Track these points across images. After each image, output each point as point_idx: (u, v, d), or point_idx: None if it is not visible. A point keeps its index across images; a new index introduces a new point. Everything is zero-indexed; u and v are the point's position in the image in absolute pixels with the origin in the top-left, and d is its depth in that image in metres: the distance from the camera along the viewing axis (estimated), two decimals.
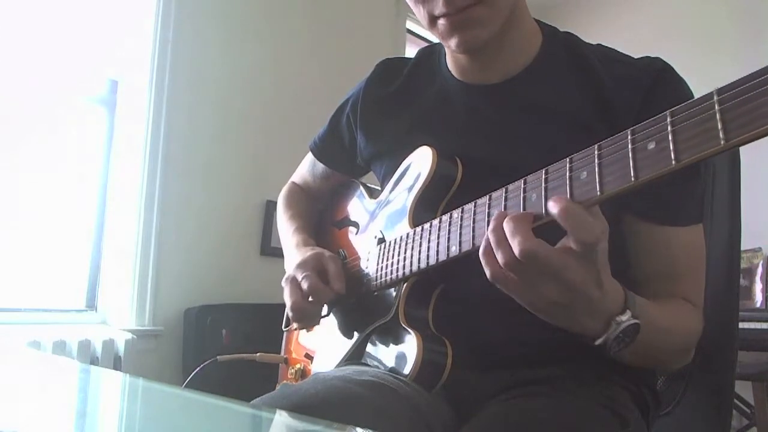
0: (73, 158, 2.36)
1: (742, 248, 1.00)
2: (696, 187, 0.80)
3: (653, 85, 0.79)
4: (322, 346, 1.02)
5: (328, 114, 1.11)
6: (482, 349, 0.81)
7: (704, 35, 3.33)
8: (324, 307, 0.97)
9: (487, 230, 0.63)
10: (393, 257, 0.85)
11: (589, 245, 0.58)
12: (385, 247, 0.88)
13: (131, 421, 0.52)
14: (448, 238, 0.74)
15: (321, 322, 1.01)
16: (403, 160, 0.91)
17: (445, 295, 0.83)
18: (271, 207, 2.63)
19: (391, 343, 0.84)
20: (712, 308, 0.82)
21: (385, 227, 0.92)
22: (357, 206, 1.08)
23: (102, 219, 2.42)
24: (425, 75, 0.97)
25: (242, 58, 2.68)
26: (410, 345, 0.78)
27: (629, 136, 0.54)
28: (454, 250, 0.73)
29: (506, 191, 0.66)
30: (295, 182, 1.25)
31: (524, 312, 0.66)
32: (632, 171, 0.53)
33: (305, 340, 1.09)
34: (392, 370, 0.81)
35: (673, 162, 0.50)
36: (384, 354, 0.85)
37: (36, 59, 2.23)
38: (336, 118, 1.09)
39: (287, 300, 0.94)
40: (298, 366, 1.07)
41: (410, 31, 3.53)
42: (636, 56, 0.85)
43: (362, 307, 0.93)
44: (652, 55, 0.84)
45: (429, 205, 0.85)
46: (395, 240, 0.86)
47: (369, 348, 0.89)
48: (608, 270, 0.63)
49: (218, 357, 1.17)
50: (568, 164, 0.60)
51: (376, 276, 0.88)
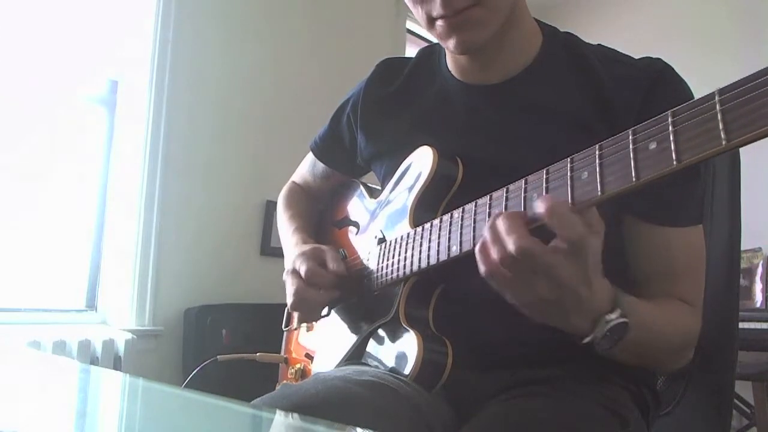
0: (73, 158, 2.36)
1: (742, 248, 1.00)
2: (696, 187, 0.80)
3: (653, 85, 0.79)
4: (323, 346, 1.02)
5: (328, 114, 1.11)
6: (482, 349, 0.81)
7: (704, 35, 3.33)
8: (324, 307, 0.97)
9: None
10: (393, 257, 0.85)
11: (573, 243, 0.59)
12: (385, 246, 0.88)
13: (131, 421, 0.52)
14: (449, 238, 0.74)
15: (321, 322, 1.01)
16: (403, 160, 0.91)
17: (445, 295, 0.83)
18: (271, 207, 2.63)
19: (391, 343, 0.84)
20: (712, 308, 0.82)
21: (385, 227, 0.92)
22: (357, 206, 1.08)
23: (102, 219, 2.42)
24: (425, 75, 0.97)
25: (242, 58, 2.68)
26: (410, 345, 0.78)
27: (630, 137, 0.54)
28: (455, 250, 0.73)
29: (507, 191, 0.67)
30: (295, 182, 1.25)
31: None
32: (633, 171, 0.53)
33: (305, 340, 1.09)
34: (392, 370, 0.81)
35: (675, 162, 0.50)
36: (384, 354, 0.85)
37: (36, 59, 2.23)
38: (336, 118, 1.09)
39: (288, 289, 0.94)
40: (298, 366, 1.07)
41: (410, 31, 3.52)
42: (636, 56, 0.85)
43: (362, 307, 0.93)
44: (653, 56, 0.84)
45: (429, 205, 0.85)
46: (396, 240, 0.86)
47: (369, 348, 0.88)
48: (599, 269, 0.64)
49: (218, 357, 1.17)
50: (569, 164, 0.60)
51: (377, 276, 0.88)
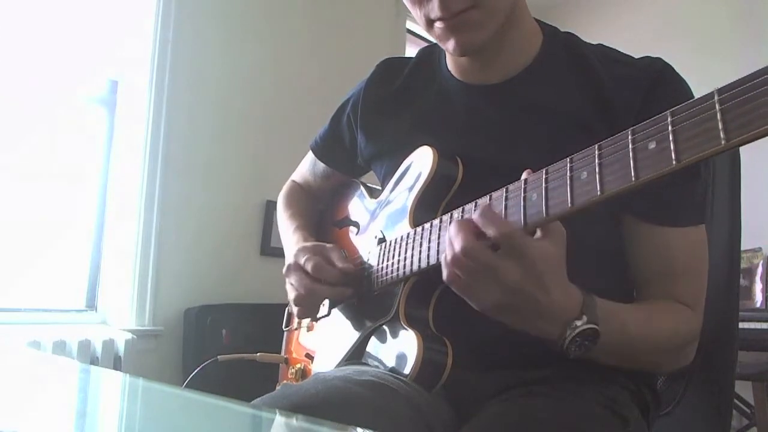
0: (73, 158, 2.36)
1: (742, 248, 1.00)
2: (696, 187, 0.80)
3: (653, 85, 0.79)
4: (323, 346, 1.02)
5: (328, 114, 1.11)
6: (482, 349, 0.81)
7: (704, 35, 3.33)
8: (325, 307, 0.96)
9: None
10: (393, 257, 0.85)
11: (504, 243, 0.63)
12: (385, 246, 0.88)
13: (131, 421, 0.52)
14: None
15: (321, 322, 1.01)
16: (403, 160, 0.91)
17: (445, 295, 0.83)
18: (271, 207, 2.63)
19: (391, 343, 0.84)
20: (712, 308, 0.82)
21: (385, 227, 0.92)
22: (357, 206, 1.08)
23: (102, 219, 2.42)
24: (425, 75, 0.97)
25: (242, 58, 2.68)
26: (410, 345, 0.78)
27: (630, 136, 0.54)
28: None
29: (507, 191, 0.67)
30: (295, 181, 1.25)
31: None
32: (633, 171, 0.53)
33: (306, 340, 1.09)
34: (392, 369, 0.81)
35: (674, 162, 0.50)
36: (384, 354, 0.84)
37: (36, 59, 2.23)
38: (337, 117, 1.09)
39: (293, 284, 0.93)
40: (298, 366, 1.07)
41: (410, 31, 3.52)
42: (636, 56, 0.85)
43: (362, 307, 0.92)
44: (653, 55, 0.84)
45: (429, 205, 0.85)
46: (396, 240, 0.86)
47: (369, 348, 0.88)
48: (560, 276, 0.66)
49: (219, 357, 1.17)
50: (568, 164, 0.60)
51: (377, 276, 0.88)
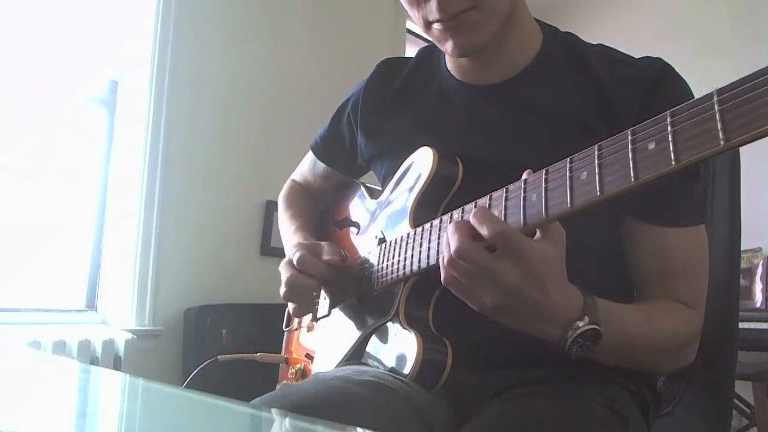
0: (73, 158, 2.36)
1: (742, 248, 1.00)
2: (696, 187, 0.80)
3: (654, 85, 0.79)
4: (323, 346, 1.02)
5: (328, 114, 1.11)
6: (482, 349, 0.81)
7: (704, 35, 3.33)
8: (325, 307, 0.97)
9: None
10: (393, 257, 0.85)
11: (501, 245, 0.63)
12: (385, 247, 0.88)
13: (131, 421, 0.52)
14: None
15: (321, 322, 1.01)
16: (403, 161, 0.91)
17: (445, 295, 0.83)
18: (271, 207, 2.63)
19: (391, 343, 0.84)
20: (712, 308, 0.82)
21: (385, 227, 0.92)
22: (358, 206, 1.08)
23: (102, 219, 2.42)
24: (425, 75, 0.97)
25: (242, 58, 2.68)
26: (410, 345, 0.78)
27: (629, 137, 0.54)
28: None
29: (507, 191, 0.67)
30: (295, 180, 1.25)
31: None
32: (632, 171, 0.53)
33: (306, 340, 1.09)
34: (392, 370, 0.81)
35: (673, 162, 0.50)
36: (384, 354, 0.84)
37: (36, 59, 2.23)
38: (337, 117, 1.09)
39: (282, 278, 0.94)
40: (298, 366, 1.07)
41: (410, 31, 3.52)
42: (636, 56, 0.85)
43: (362, 307, 0.93)
44: (653, 56, 0.84)
45: (430, 205, 0.85)
46: (396, 240, 0.86)
47: (369, 348, 0.88)
48: (560, 277, 0.66)
49: (219, 357, 1.17)
50: (568, 164, 0.60)
51: (377, 276, 0.88)
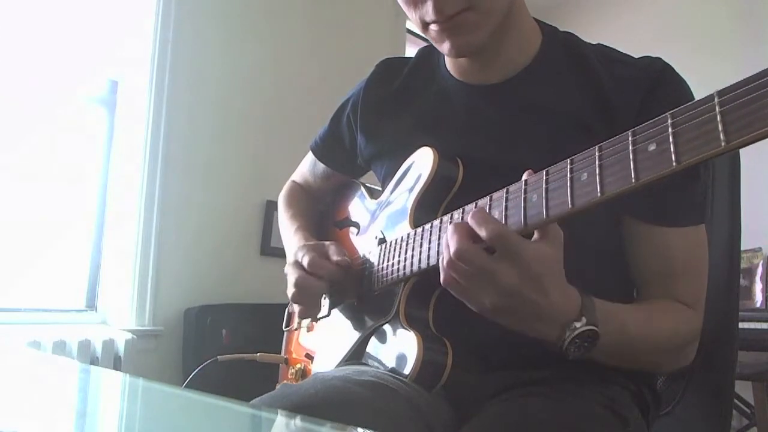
0: (73, 158, 2.36)
1: (742, 248, 1.00)
2: (696, 187, 0.80)
3: (653, 85, 0.79)
4: (323, 346, 1.02)
5: (328, 114, 1.11)
6: (482, 349, 0.81)
7: (704, 36, 3.33)
8: (325, 307, 0.96)
9: None
10: (393, 258, 0.85)
11: (499, 246, 0.63)
12: (385, 247, 0.88)
13: (131, 421, 0.52)
14: None
15: (321, 322, 1.01)
16: (403, 161, 0.91)
17: (445, 296, 0.83)
18: (271, 207, 2.63)
19: (391, 344, 0.84)
20: (712, 308, 0.82)
21: (385, 227, 0.92)
22: (358, 207, 1.08)
23: (102, 219, 2.42)
24: (425, 75, 0.97)
25: (242, 58, 2.68)
26: (410, 345, 0.78)
27: (630, 138, 0.54)
28: None
29: (507, 192, 0.67)
30: (295, 181, 1.25)
31: None
32: (633, 172, 0.53)
33: (305, 340, 1.09)
34: (392, 370, 0.81)
35: (674, 163, 0.50)
36: (384, 354, 0.85)
37: (36, 59, 2.23)
38: (336, 118, 1.09)
39: (289, 281, 0.94)
40: (298, 366, 1.07)
41: (410, 31, 3.52)
42: (636, 56, 0.85)
43: (363, 307, 0.93)
44: (652, 55, 0.84)
45: (430, 205, 0.85)
46: (396, 240, 0.86)
47: (369, 348, 0.88)
48: (558, 278, 0.66)
49: (219, 357, 1.17)
50: (568, 165, 0.60)
51: (377, 276, 0.88)
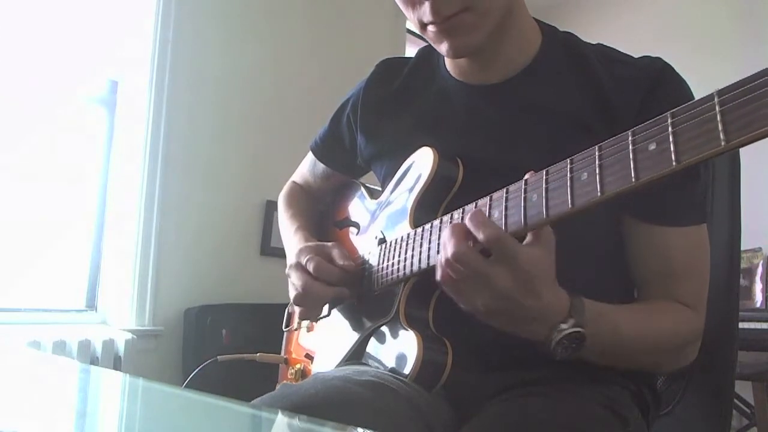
0: (73, 158, 2.36)
1: (742, 248, 1.00)
2: (696, 187, 0.80)
3: (653, 85, 0.79)
4: (323, 347, 1.02)
5: (328, 114, 1.11)
6: (482, 349, 0.81)
7: (704, 35, 3.33)
8: (325, 308, 0.97)
9: None
10: (393, 257, 0.85)
11: (496, 249, 0.64)
12: (385, 247, 0.88)
13: (131, 421, 0.52)
14: None
15: (321, 322, 1.01)
16: (403, 161, 0.91)
17: (445, 296, 0.83)
18: (271, 207, 2.63)
19: (391, 344, 0.84)
20: (712, 308, 0.82)
21: (385, 227, 0.92)
22: (358, 207, 1.08)
23: (102, 219, 2.42)
24: (425, 75, 0.97)
25: (242, 58, 2.68)
26: (410, 345, 0.78)
27: (630, 137, 0.54)
28: None
29: (507, 192, 0.67)
30: (295, 181, 1.25)
31: None
32: (633, 172, 0.53)
33: (305, 340, 1.09)
34: (392, 370, 0.81)
35: (674, 163, 0.50)
36: (384, 354, 0.85)
37: (36, 59, 2.23)
38: (336, 118, 1.09)
39: (294, 283, 0.93)
40: (298, 366, 1.07)
41: (410, 31, 3.52)
42: (636, 56, 0.85)
43: (363, 307, 0.92)
44: (652, 55, 0.84)
45: (430, 205, 0.85)
46: (396, 240, 0.86)
47: (369, 348, 0.88)
48: (550, 280, 0.67)
49: (218, 357, 1.17)
50: (568, 165, 0.60)
51: (377, 276, 0.88)
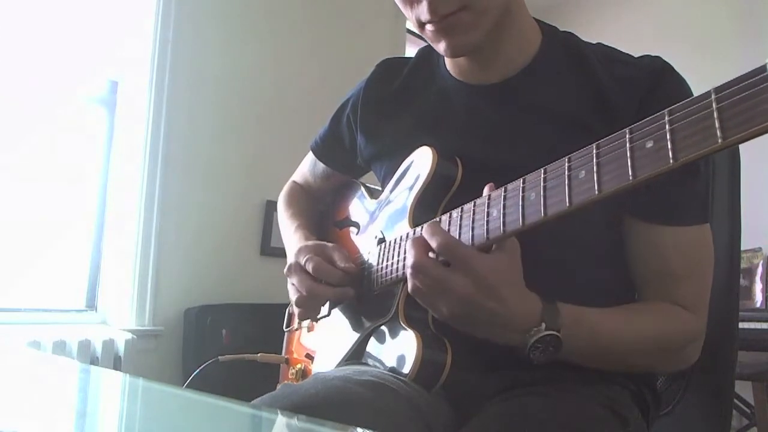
0: (73, 158, 2.36)
1: (742, 248, 1.00)
2: (696, 186, 0.80)
3: (653, 84, 0.79)
4: (323, 346, 1.02)
5: (328, 114, 1.11)
6: (482, 349, 0.81)
7: (704, 35, 3.33)
8: (325, 307, 0.97)
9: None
10: (393, 257, 0.85)
11: (439, 250, 0.67)
12: (385, 247, 0.88)
13: (131, 421, 0.52)
14: None
15: (322, 322, 1.01)
16: (403, 161, 0.91)
17: None
18: (271, 207, 2.63)
19: (390, 343, 0.84)
20: (712, 308, 0.82)
21: (385, 227, 0.92)
22: (358, 207, 1.08)
23: (102, 219, 2.42)
24: (425, 75, 0.97)
25: (242, 58, 2.68)
26: (410, 345, 0.78)
27: (627, 135, 0.54)
28: None
29: (505, 191, 0.67)
30: (296, 181, 1.25)
31: None
32: (630, 170, 0.53)
33: (306, 340, 1.09)
34: (392, 369, 0.81)
35: (671, 161, 0.50)
36: (384, 354, 0.85)
37: (36, 59, 2.23)
38: (336, 118, 1.09)
39: (294, 284, 0.93)
40: (299, 366, 1.07)
41: (410, 31, 3.52)
42: (636, 56, 0.85)
43: (362, 307, 0.92)
44: (652, 55, 0.84)
45: (429, 205, 0.85)
46: (395, 240, 0.86)
47: (369, 348, 0.88)
48: (516, 287, 0.68)
49: (220, 357, 1.17)
50: (566, 164, 0.60)
51: (376, 276, 0.88)
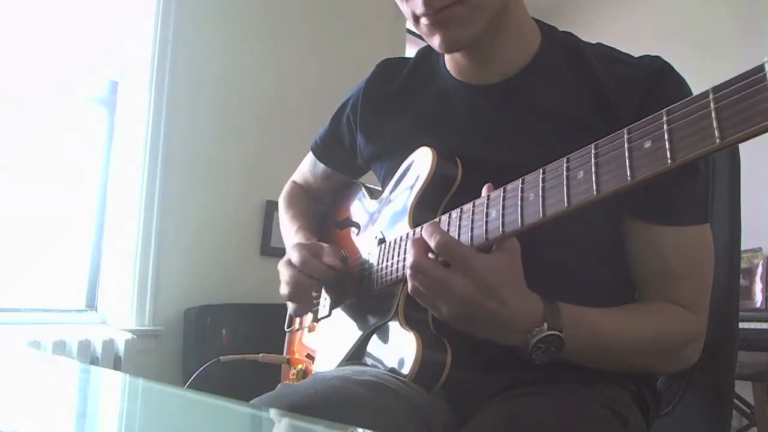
0: (73, 158, 2.36)
1: (742, 248, 1.00)
2: (695, 186, 0.80)
3: (653, 84, 0.79)
4: (323, 347, 1.02)
5: (328, 114, 1.11)
6: (482, 349, 0.81)
7: (704, 35, 3.33)
8: (326, 308, 0.97)
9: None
10: (393, 257, 0.85)
11: (438, 250, 0.67)
12: (385, 247, 0.88)
13: (131, 421, 0.52)
14: None
15: (322, 322, 1.01)
16: (403, 161, 0.92)
17: None
18: (271, 207, 2.63)
19: (390, 344, 0.84)
20: (712, 308, 0.82)
21: (385, 227, 0.92)
22: (358, 207, 1.08)
23: (102, 219, 2.42)
24: (425, 75, 0.97)
25: (242, 58, 2.68)
26: (410, 345, 0.78)
27: (625, 135, 0.55)
28: None
29: (504, 191, 0.67)
30: (296, 181, 1.25)
31: None
32: (628, 170, 0.53)
33: (307, 340, 1.10)
34: (392, 370, 0.81)
35: (669, 161, 0.50)
36: (384, 354, 0.85)
37: (36, 59, 2.23)
38: (336, 118, 1.09)
39: (282, 278, 0.95)
40: (300, 366, 1.07)
41: (410, 31, 3.52)
42: (636, 56, 0.85)
43: (362, 307, 0.93)
44: (652, 54, 0.84)
45: (429, 205, 0.85)
46: (395, 240, 0.86)
47: (369, 348, 0.89)
48: (517, 287, 0.68)
49: (221, 357, 1.17)
50: (565, 164, 0.60)
51: (377, 276, 0.88)
